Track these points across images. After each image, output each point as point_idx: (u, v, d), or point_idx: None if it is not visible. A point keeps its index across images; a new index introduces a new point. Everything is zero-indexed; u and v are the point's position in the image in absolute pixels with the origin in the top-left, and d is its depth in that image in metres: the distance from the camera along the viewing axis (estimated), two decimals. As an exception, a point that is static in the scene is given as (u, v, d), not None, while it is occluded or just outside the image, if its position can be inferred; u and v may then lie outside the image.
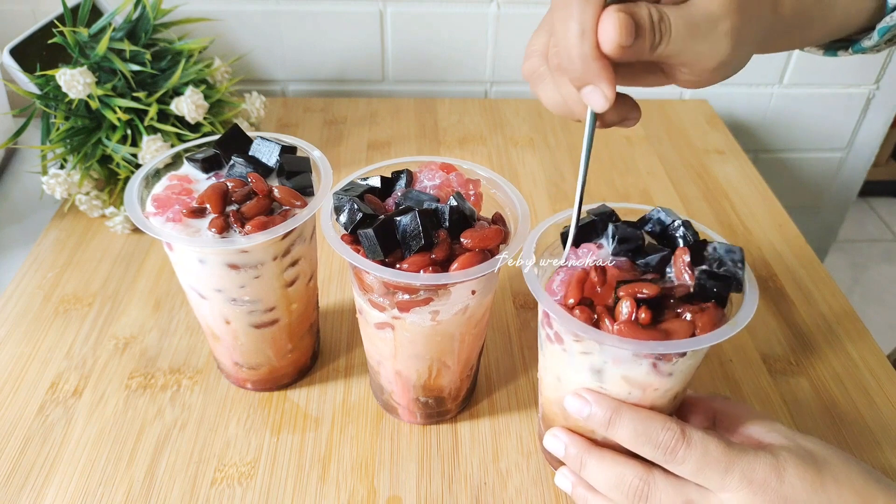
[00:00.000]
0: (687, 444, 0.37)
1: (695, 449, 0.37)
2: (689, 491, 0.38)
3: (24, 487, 0.47)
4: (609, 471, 0.40)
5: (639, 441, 0.38)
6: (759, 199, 0.78)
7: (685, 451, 0.37)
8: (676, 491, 0.38)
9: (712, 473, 0.37)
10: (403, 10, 0.90)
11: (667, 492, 0.38)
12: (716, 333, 0.36)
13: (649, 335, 0.36)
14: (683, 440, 0.37)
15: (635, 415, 0.39)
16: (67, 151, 0.68)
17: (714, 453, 0.37)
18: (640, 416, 0.39)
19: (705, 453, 0.37)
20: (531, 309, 0.62)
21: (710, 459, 0.37)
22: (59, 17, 0.73)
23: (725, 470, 0.36)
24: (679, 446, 0.37)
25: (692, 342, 0.36)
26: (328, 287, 0.64)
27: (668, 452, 0.37)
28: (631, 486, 0.39)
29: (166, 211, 0.45)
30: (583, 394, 0.40)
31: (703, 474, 0.37)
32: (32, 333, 0.58)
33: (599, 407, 0.39)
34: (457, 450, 0.50)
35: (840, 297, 0.64)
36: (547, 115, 0.92)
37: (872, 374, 0.57)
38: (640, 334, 0.36)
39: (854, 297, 1.70)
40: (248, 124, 0.78)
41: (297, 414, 0.53)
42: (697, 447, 0.37)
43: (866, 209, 2.02)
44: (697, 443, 0.37)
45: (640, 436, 0.38)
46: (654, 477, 0.39)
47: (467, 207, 0.43)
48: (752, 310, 0.38)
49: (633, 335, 0.36)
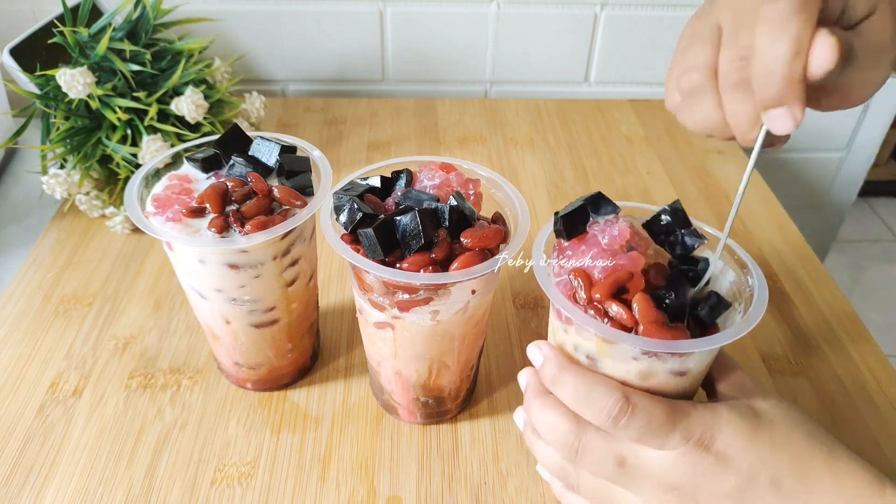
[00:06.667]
0: (631, 412, 0.36)
1: (638, 417, 0.36)
2: (621, 445, 0.38)
3: (24, 487, 0.47)
4: (546, 418, 0.40)
5: (579, 403, 0.38)
6: (759, 199, 0.78)
7: (628, 420, 0.36)
8: (608, 447, 0.38)
9: (653, 438, 0.36)
10: (403, 10, 0.90)
11: (598, 448, 0.38)
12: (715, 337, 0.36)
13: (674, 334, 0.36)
14: (628, 408, 0.36)
15: (579, 377, 0.38)
16: (67, 151, 0.68)
17: (657, 419, 0.36)
18: (583, 379, 0.38)
19: (649, 420, 0.36)
20: (531, 309, 0.62)
21: (652, 426, 0.36)
22: (59, 17, 0.73)
23: (666, 434, 0.36)
24: (622, 415, 0.36)
25: (700, 342, 0.36)
26: (328, 287, 0.64)
27: (610, 419, 0.37)
28: (564, 438, 0.39)
29: (166, 211, 0.44)
30: (542, 345, 0.41)
31: (643, 440, 0.37)
32: (32, 333, 0.58)
33: (548, 362, 0.39)
34: (457, 450, 0.50)
35: (840, 297, 0.64)
36: (547, 115, 0.92)
37: (872, 374, 0.57)
38: (666, 334, 0.36)
39: (854, 298, 1.70)
40: (248, 124, 0.78)
41: (297, 414, 0.53)
42: (641, 415, 0.36)
43: (866, 209, 2.02)
44: (642, 411, 0.36)
45: (581, 399, 0.38)
46: (586, 431, 0.39)
47: (467, 207, 0.43)
48: (762, 309, 0.38)
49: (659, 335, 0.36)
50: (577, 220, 0.41)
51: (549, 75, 0.97)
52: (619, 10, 0.92)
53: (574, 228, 0.41)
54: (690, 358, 0.38)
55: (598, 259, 0.39)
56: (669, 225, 0.41)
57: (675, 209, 0.41)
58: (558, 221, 0.41)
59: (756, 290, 0.39)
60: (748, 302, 0.39)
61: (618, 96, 0.99)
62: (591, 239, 0.40)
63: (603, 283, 0.37)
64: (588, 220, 0.41)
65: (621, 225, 0.40)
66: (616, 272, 0.38)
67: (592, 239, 0.40)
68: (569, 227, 0.41)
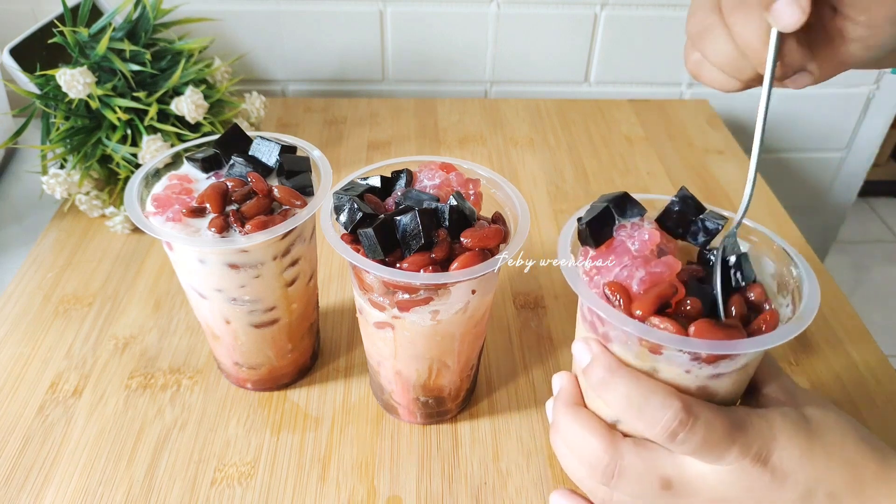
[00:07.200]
0: (691, 426, 0.33)
1: (698, 431, 0.33)
2: (665, 466, 0.35)
3: (24, 487, 0.47)
4: (579, 434, 0.37)
5: (631, 413, 0.34)
6: (760, 199, 0.78)
7: (687, 434, 0.33)
8: (649, 469, 0.35)
9: (709, 453, 0.33)
10: (403, 10, 0.90)
11: (638, 470, 0.35)
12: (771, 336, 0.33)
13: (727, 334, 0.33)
14: (689, 420, 0.33)
15: (633, 381, 0.34)
16: (67, 151, 0.68)
17: (718, 432, 0.33)
18: (637, 384, 0.34)
19: (709, 434, 0.33)
20: (531, 309, 0.62)
21: (712, 440, 0.33)
22: (59, 17, 0.73)
23: (726, 449, 0.33)
24: (682, 428, 0.33)
25: (766, 339, 0.33)
26: (328, 287, 0.64)
27: (667, 433, 0.33)
28: (598, 459, 0.36)
29: (166, 211, 0.44)
30: (591, 343, 0.36)
31: (698, 454, 0.34)
32: (32, 333, 0.58)
33: (598, 362, 0.35)
34: (457, 450, 0.50)
35: (840, 297, 0.64)
36: (547, 115, 0.92)
37: (872, 374, 0.57)
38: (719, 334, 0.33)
39: (855, 298, 1.70)
40: (248, 124, 0.78)
41: (297, 414, 0.53)
42: (701, 429, 0.33)
43: (866, 209, 2.02)
44: (702, 424, 0.33)
45: (633, 407, 0.34)
46: (623, 453, 0.35)
47: (467, 207, 0.43)
48: (816, 297, 0.35)
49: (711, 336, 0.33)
50: (602, 223, 0.38)
51: (549, 75, 0.97)
52: (619, 10, 0.92)
53: (601, 234, 0.37)
54: (742, 358, 0.35)
55: (633, 268, 0.35)
56: (683, 214, 0.38)
57: (685, 197, 0.39)
58: (584, 228, 0.37)
59: (805, 279, 0.36)
60: (796, 292, 0.37)
61: (618, 96, 0.99)
62: (620, 246, 0.37)
63: (645, 299, 0.34)
64: (614, 223, 0.38)
65: (650, 228, 0.37)
66: (658, 285, 0.34)
67: (621, 246, 0.36)
68: (595, 233, 0.37)
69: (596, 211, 0.37)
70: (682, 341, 0.33)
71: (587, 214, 0.38)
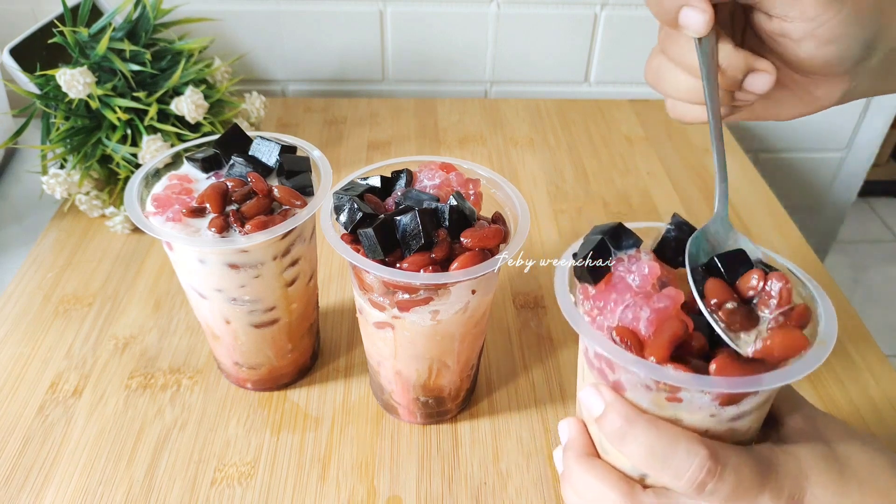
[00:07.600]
0: (720, 475, 0.31)
1: (727, 480, 0.31)
2: None
3: (24, 487, 0.47)
4: (594, 487, 0.35)
5: (655, 465, 0.32)
6: (760, 199, 0.78)
7: (716, 484, 0.31)
8: None
9: (741, 501, 0.31)
10: (403, 10, 0.90)
11: None
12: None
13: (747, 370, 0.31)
14: (717, 470, 0.31)
15: (654, 431, 0.32)
16: (67, 151, 0.68)
17: (747, 478, 0.31)
18: (659, 434, 0.31)
19: (738, 482, 0.31)
20: (531, 309, 0.62)
21: (741, 488, 0.31)
22: (59, 17, 0.73)
23: (756, 496, 0.31)
24: (710, 478, 0.31)
25: (793, 370, 0.31)
26: (328, 287, 0.64)
27: (694, 485, 0.31)
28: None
29: (166, 211, 0.45)
30: (602, 389, 0.34)
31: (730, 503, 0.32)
32: (32, 333, 0.58)
33: (613, 411, 0.33)
34: (457, 450, 0.50)
35: (840, 297, 0.64)
36: (547, 115, 0.92)
37: (872, 374, 0.57)
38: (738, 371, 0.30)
39: (855, 298, 1.70)
40: (248, 124, 0.78)
41: (297, 414, 0.53)
42: (730, 477, 0.31)
43: (866, 209, 2.02)
44: (731, 472, 0.31)
45: (657, 459, 0.31)
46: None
47: (467, 207, 0.43)
48: (834, 322, 0.33)
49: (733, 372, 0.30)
50: (599, 258, 0.35)
51: (549, 75, 0.97)
52: (619, 10, 0.92)
53: (599, 270, 0.35)
54: (761, 394, 0.32)
55: (637, 307, 0.33)
56: (680, 241, 0.36)
57: (679, 223, 0.36)
58: (580, 267, 0.35)
59: (818, 300, 0.34)
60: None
61: (618, 96, 0.99)
62: (620, 282, 0.34)
63: (657, 343, 0.31)
64: (609, 256, 0.35)
65: (648, 260, 0.34)
66: (669, 326, 0.31)
67: (621, 282, 0.34)
68: (593, 270, 0.35)
69: (591, 245, 0.35)
70: (706, 381, 0.30)
71: (582, 249, 0.35)
